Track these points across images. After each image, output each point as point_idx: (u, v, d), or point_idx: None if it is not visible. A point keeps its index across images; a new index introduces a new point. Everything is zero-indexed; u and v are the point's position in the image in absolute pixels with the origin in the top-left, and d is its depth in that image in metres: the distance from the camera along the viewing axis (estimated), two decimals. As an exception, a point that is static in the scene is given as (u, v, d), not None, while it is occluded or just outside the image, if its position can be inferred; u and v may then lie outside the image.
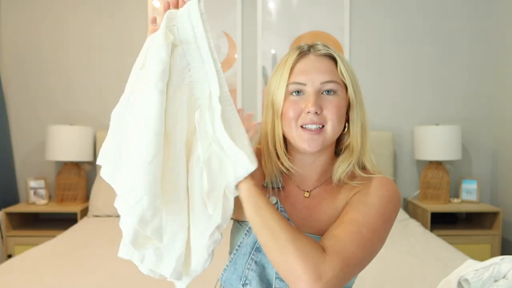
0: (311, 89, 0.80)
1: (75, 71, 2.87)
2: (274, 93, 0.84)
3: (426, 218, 2.50)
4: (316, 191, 0.87)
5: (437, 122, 2.75)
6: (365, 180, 0.83)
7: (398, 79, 2.89)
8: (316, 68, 0.81)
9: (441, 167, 2.67)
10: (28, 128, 2.86)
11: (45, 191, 2.72)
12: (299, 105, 0.81)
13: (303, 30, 2.85)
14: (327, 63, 0.83)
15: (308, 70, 0.81)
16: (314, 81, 0.80)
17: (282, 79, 0.83)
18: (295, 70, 0.82)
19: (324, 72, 0.81)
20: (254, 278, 0.80)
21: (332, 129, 0.80)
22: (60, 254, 1.79)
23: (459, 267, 0.98)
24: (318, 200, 0.86)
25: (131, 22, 2.86)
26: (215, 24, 2.85)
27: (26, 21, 2.85)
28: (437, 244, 1.98)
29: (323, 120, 0.80)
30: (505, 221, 2.64)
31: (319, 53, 0.83)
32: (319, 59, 0.83)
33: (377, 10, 2.87)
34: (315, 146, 0.80)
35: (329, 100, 0.80)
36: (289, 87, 0.82)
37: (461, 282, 0.93)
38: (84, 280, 1.49)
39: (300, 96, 0.82)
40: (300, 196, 0.87)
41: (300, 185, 0.88)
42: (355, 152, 0.84)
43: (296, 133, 0.81)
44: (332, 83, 0.81)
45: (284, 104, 0.82)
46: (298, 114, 0.80)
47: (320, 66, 0.82)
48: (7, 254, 2.46)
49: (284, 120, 0.83)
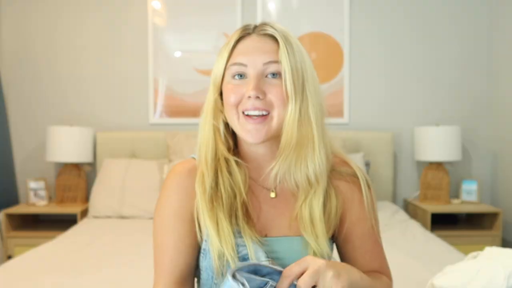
0: (252, 71, 0.73)
1: (75, 72, 2.87)
2: (215, 76, 0.78)
3: (427, 219, 2.50)
4: (280, 188, 0.80)
5: (437, 123, 2.75)
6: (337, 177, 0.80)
7: (398, 80, 2.89)
8: (257, 48, 0.74)
9: (441, 168, 2.66)
10: (28, 129, 2.86)
11: (45, 192, 2.72)
12: (240, 90, 0.73)
13: (303, 31, 2.85)
14: (271, 44, 0.74)
15: (249, 51, 0.74)
16: (256, 62, 0.73)
17: (222, 60, 0.76)
18: (236, 51, 0.75)
19: (266, 52, 0.73)
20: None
21: (278, 116, 0.72)
22: (60, 255, 1.79)
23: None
24: (284, 198, 0.80)
25: (131, 23, 2.86)
26: (214, 25, 2.85)
27: (25, 23, 2.85)
28: (438, 245, 1.97)
29: (267, 105, 0.72)
30: (506, 222, 2.63)
31: (262, 32, 0.75)
32: (263, 39, 0.75)
33: (377, 11, 2.87)
34: (259, 137, 0.72)
35: (273, 84, 0.73)
36: (229, 69, 0.75)
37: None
38: (84, 281, 1.49)
39: (242, 79, 0.74)
40: (266, 196, 0.80)
41: (262, 183, 0.81)
42: (289, 148, 0.74)
43: (239, 122, 0.74)
44: (276, 64, 0.73)
45: (225, 89, 0.75)
46: (239, 100, 0.73)
47: (263, 46, 0.74)
48: (7, 255, 2.46)
49: (226, 107, 0.75)
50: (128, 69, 2.88)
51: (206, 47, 2.87)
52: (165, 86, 2.86)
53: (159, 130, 2.80)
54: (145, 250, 0.84)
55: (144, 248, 1.65)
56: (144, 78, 2.86)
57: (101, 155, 2.74)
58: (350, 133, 2.75)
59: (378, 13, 2.87)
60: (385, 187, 2.76)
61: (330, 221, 0.77)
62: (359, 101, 2.87)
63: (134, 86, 2.87)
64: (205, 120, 0.79)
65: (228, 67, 0.75)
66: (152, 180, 2.51)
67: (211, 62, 3.11)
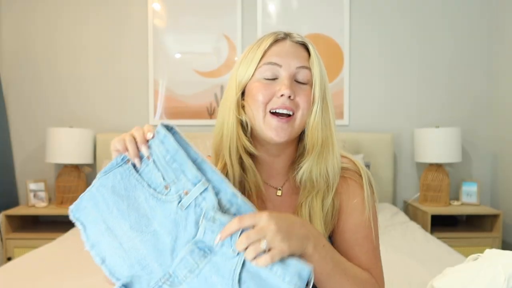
0: (285, 73, 0.77)
1: (75, 73, 2.87)
2: (242, 75, 0.79)
3: (426, 221, 2.50)
4: (286, 187, 0.83)
5: (437, 125, 2.75)
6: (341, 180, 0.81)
7: (398, 81, 2.89)
8: (292, 53, 0.78)
9: (441, 169, 2.66)
10: (28, 130, 2.86)
11: (45, 194, 2.72)
12: (271, 89, 0.76)
13: (303, 32, 2.83)
14: (302, 52, 0.80)
15: (284, 54, 0.78)
16: (290, 64, 0.77)
17: (255, 59, 0.78)
18: (269, 52, 0.79)
19: (299, 57, 0.79)
20: None
21: (301, 118, 0.77)
22: (60, 256, 1.78)
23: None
24: (289, 197, 0.82)
25: (131, 25, 2.87)
26: (214, 26, 2.85)
27: (25, 23, 2.86)
28: (438, 247, 1.97)
29: (294, 106, 0.76)
30: (506, 224, 2.63)
31: (295, 40, 0.81)
32: (296, 46, 0.80)
33: (377, 13, 2.87)
34: (283, 136, 0.76)
35: (302, 88, 0.78)
36: (262, 67, 0.78)
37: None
38: (84, 283, 1.49)
39: (271, 80, 0.77)
40: (272, 194, 0.83)
41: (267, 181, 0.83)
42: (315, 150, 0.79)
43: (264, 120, 0.76)
44: (307, 70, 0.78)
45: (253, 86, 0.78)
46: (269, 99, 0.76)
47: (296, 51, 0.79)
48: (7, 257, 2.46)
49: (252, 105, 0.77)
50: (128, 70, 2.88)
51: (206, 49, 2.87)
52: (165, 88, 2.86)
53: (159, 132, 2.79)
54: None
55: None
56: (144, 80, 2.87)
57: (101, 156, 2.74)
58: (350, 135, 2.75)
59: (378, 14, 2.88)
60: (385, 188, 2.77)
61: (328, 219, 0.79)
62: (359, 102, 2.87)
63: (134, 87, 2.87)
64: (229, 114, 0.80)
65: (260, 66, 0.78)
66: (152, 181, 2.50)
67: (211, 63, 3.12)
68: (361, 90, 2.86)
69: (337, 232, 0.81)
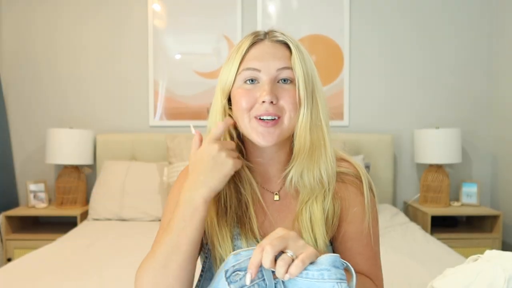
0: (266, 77, 0.73)
1: (75, 73, 2.87)
2: (225, 82, 0.78)
3: (427, 222, 2.50)
4: (283, 192, 0.81)
5: (437, 125, 2.75)
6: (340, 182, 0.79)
7: (398, 82, 2.89)
8: (271, 54, 0.75)
9: (441, 170, 2.66)
10: (28, 131, 2.86)
11: (45, 195, 2.72)
12: (253, 95, 0.74)
13: (303, 33, 2.86)
14: (284, 50, 0.76)
15: (263, 56, 0.74)
16: (270, 67, 0.73)
17: (234, 65, 0.76)
18: (248, 56, 0.75)
19: (280, 58, 0.74)
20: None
21: (289, 121, 0.74)
22: (60, 257, 1.78)
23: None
24: (288, 202, 0.80)
25: (131, 25, 2.87)
26: (215, 27, 2.86)
27: (25, 23, 2.86)
28: (438, 248, 1.97)
29: (279, 111, 0.73)
30: (506, 224, 2.63)
31: (275, 39, 0.77)
32: (275, 46, 0.76)
33: (377, 14, 2.88)
34: (271, 140, 0.73)
35: (285, 89, 0.74)
36: (242, 74, 0.75)
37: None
38: (84, 284, 1.49)
39: (254, 84, 0.74)
40: (270, 199, 0.81)
41: (263, 185, 0.81)
42: (302, 153, 0.75)
43: (250, 125, 0.74)
44: (289, 70, 0.74)
45: (236, 93, 0.75)
46: (251, 105, 0.74)
47: (276, 52, 0.75)
48: (7, 258, 2.46)
49: (237, 111, 0.75)
50: (128, 71, 2.88)
51: (206, 50, 2.87)
52: (165, 88, 2.86)
53: (159, 132, 2.80)
54: (145, 252, 0.84)
55: (144, 250, 1.65)
56: (144, 80, 2.87)
57: (101, 157, 2.74)
58: (350, 136, 2.74)
59: (378, 15, 2.88)
60: (385, 189, 2.76)
61: (329, 223, 0.77)
62: (359, 103, 2.87)
63: (134, 88, 2.87)
64: (217, 119, 0.80)
65: (239, 72, 0.76)
66: (152, 182, 2.51)
67: (211, 64, 3.13)
68: (361, 90, 2.86)
69: (339, 240, 0.80)
